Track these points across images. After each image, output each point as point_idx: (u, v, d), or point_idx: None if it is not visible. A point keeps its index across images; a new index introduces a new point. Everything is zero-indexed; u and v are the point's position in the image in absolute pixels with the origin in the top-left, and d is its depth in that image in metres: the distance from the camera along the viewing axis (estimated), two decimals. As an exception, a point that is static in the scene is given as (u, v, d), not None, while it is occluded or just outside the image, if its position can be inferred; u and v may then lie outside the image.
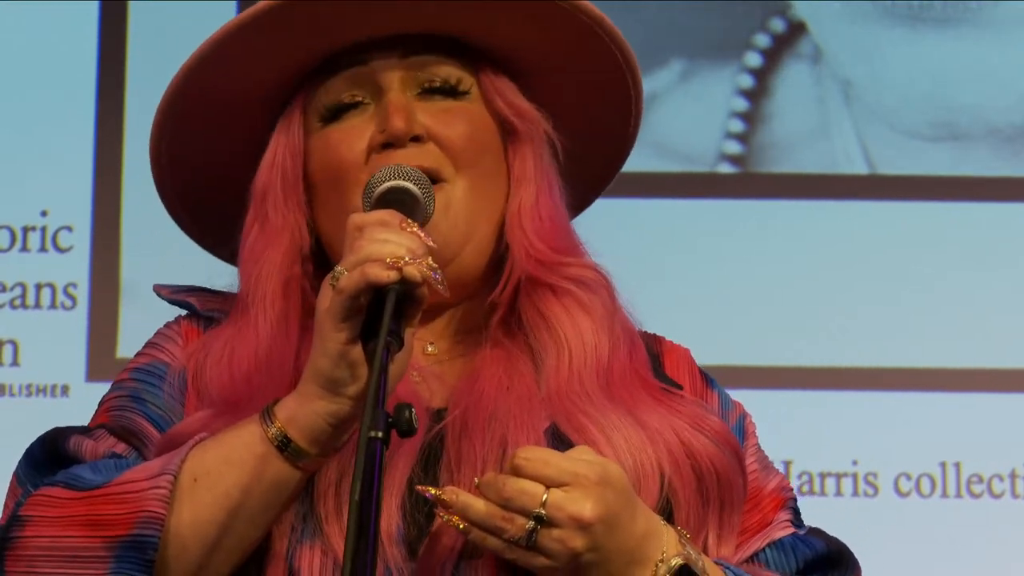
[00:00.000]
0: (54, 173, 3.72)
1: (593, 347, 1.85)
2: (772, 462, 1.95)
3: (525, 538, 1.66)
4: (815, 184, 3.78)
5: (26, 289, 3.70)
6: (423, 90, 1.90)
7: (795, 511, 1.93)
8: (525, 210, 1.89)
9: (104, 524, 1.73)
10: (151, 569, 1.72)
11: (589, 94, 1.99)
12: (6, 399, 3.63)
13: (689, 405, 1.86)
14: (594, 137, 2.01)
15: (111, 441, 1.87)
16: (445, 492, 1.68)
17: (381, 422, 1.58)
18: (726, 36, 3.80)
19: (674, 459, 1.79)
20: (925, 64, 3.80)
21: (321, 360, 1.70)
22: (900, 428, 3.63)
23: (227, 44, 1.90)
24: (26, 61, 3.78)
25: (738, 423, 1.93)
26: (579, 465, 1.69)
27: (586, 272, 1.89)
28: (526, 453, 1.69)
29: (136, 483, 1.74)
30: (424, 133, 1.87)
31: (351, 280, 1.66)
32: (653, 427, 1.80)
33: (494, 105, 1.92)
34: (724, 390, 1.96)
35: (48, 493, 1.77)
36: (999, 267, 3.71)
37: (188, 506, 1.74)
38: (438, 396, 1.86)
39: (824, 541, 1.90)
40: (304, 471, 1.75)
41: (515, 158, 1.92)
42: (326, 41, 1.90)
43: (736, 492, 1.84)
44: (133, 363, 1.95)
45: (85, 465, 1.81)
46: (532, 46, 1.94)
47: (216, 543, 1.75)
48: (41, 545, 1.74)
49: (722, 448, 1.83)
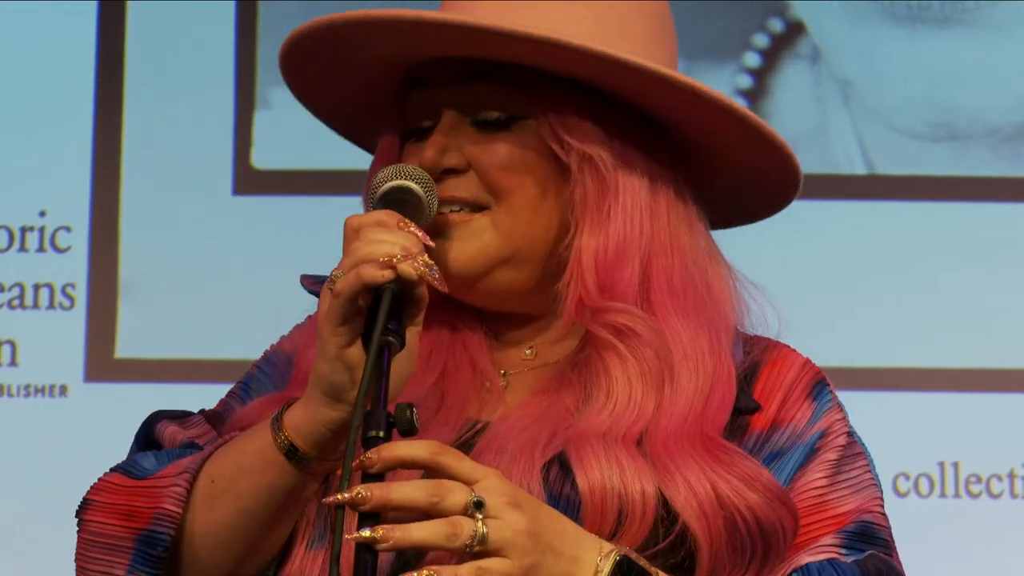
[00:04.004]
0: (52, 173, 3.72)
1: (638, 402, 1.80)
2: (871, 483, 1.86)
3: (479, 536, 1.59)
4: (814, 184, 3.76)
5: (24, 289, 3.70)
6: (476, 121, 1.87)
7: (856, 534, 1.81)
8: (587, 247, 1.84)
9: (133, 515, 1.76)
10: (159, 565, 1.74)
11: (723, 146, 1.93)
12: (4, 399, 3.63)
13: (740, 460, 1.78)
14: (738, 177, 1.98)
15: (203, 428, 1.90)
16: (380, 538, 1.57)
17: (382, 421, 1.58)
18: (725, 36, 3.80)
19: (699, 507, 1.74)
20: (924, 64, 3.79)
21: (321, 365, 1.70)
22: (899, 428, 3.63)
23: (292, 62, 1.92)
24: (25, 61, 3.78)
25: (811, 439, 1.84)
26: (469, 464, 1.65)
27: (628, 320, 1.82)
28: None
29: (165, 478, 1.77)
30: (464, 164, 1.85)
31: (347, 282, 1.65)
32: (680, 477, 1.75)
33: (546, 140, 1.86)
34: (828, 405, 1.87)
35: (110, 479, 1.82)
36: (998, 267, 3.71)
37: (203, 507, 1.75)
38: (492, 408, 1.85)
39: (862, 569, 1.78)
40: (314, 476, 1.75)
41: (576, 189, 1.86)
42: (387, 62, 1.90)
43: (787, 539, 1.78)
44: (266, 351, 1.98)
45: (151, 453, 1.84)
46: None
47: (228, 545, 1.76)
48: (94, 530, 1.79)
49: (770, 500, 1.76)
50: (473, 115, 1.87)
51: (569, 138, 1.85)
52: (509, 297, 1.88)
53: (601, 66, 1.82)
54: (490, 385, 1.87)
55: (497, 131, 1.86)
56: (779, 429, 1.84)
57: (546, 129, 1.85)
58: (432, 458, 1.62)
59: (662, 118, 1.89)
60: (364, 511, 1.57)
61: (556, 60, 1.83)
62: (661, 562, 1.72)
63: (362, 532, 1.56)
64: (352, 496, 1.56)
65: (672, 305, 1.86)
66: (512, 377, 1.89)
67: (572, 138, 1.85)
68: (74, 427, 3.57)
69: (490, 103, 1.87)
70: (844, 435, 1.86)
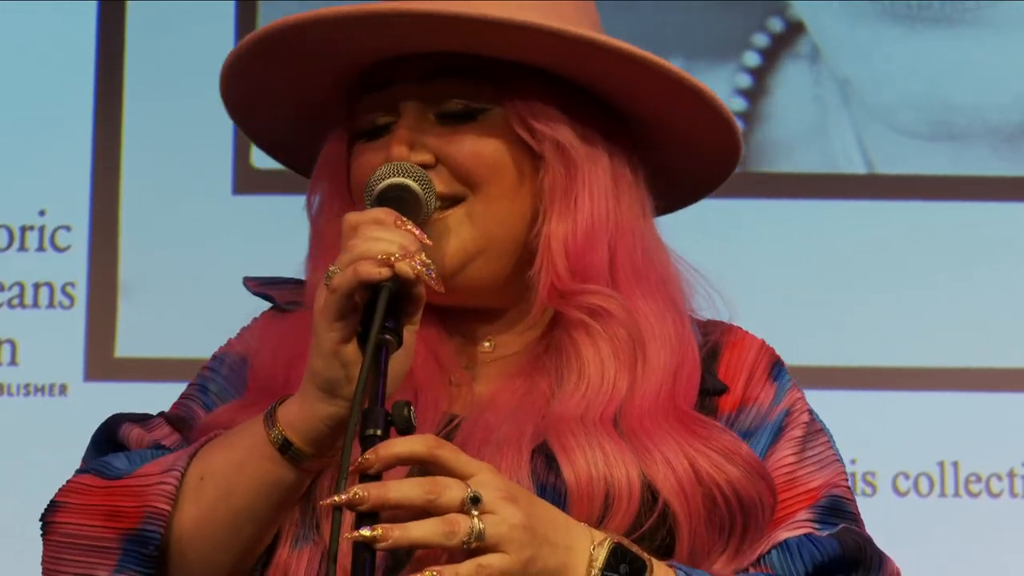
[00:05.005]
0: (52, 172, 3.73)
1: (611, 380, 1.82)
2: (835, 459, 1.88)
3: (476, 533, 1.60)
4: (813, 183, 3.78)
5: (24, 288, 3.70)
6: (439, 114, 1.87)
7: (828, 509, 1.84)
8: (556, 234, 1.86)
9: (118, 515, 1.75)
10: (151, 564, 1.73)
11: (668, 112, 1.94)
12: (4, 399, 3.63)
13: (719, 434, 1.81)
14: (688, 153, 1.99)
15: (165, 431, 1.89)
16: (380, 537, 1.58)
17: (380, 420, 1.58)
18: (724, 36, 3.80)
19: (679, 486, 1.76)
20: (923, 63, 3.80)
21: (316, 361, 1.70)
22: (898, 427, 3.63)
23: (244, 64, 1.91)
24: (24, 60, 3.78)
25: (778, 418, 1.88)
26: (464, 458, 1.65)
27: (602, 301, 1.85)
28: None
29: (148, 476, 1.76)
30: (431, 159, 1.85)
31: (344, 278, 1.66)
32: (659, 455, 1.77)
33: (514, 128, 1.87)
34: (788, 384, 1.91)
35: (81, 480, 1.81)
36: (997, 266, 3.71)
37: (193, 504, 1.75)
38: (461, 402, 1.85)
39: (840, 542, 1.81)
40: (307, 472, 1.75)
41: (545, 176, 1.88)
42: (345, 62, 1.89)
43: (766, 514, 1.80)
44: (215, 353, 1.98)
45: (122, 454, 1.83)
46: (566, 67, 1.89)
47: (220, 542, 1.76)
48: (67, 532, 1.78)
49: (750, 474, 1.79)
50: (436, 109, 1.87)
51: (538, 124, 1.87)
52: (481, 291, 1.88)
53: (566, 48, 1.83)
54: (456, 379, 1.87)
55: (463, 123, 1.87)
56: (745, 409, 1.88)
57: (514, 117, 1.86)
58: (431, 452, 1.62)
59: (615, 97, 1.91)
60: (362, 511, 1.57)
61: (527, 46, 1.83)
62: (646, 546, 1.73)
63: (362, 531, 1.56)
64: (350, 497, 1.56)
65: (638, 287, 1.89)
66: (477, 370, 1.89)
67: (541, 124, 1.87)
68: (74, 427, 3.54)
69: (453, 96, 1.87)
70: (806, 413, 1.90)
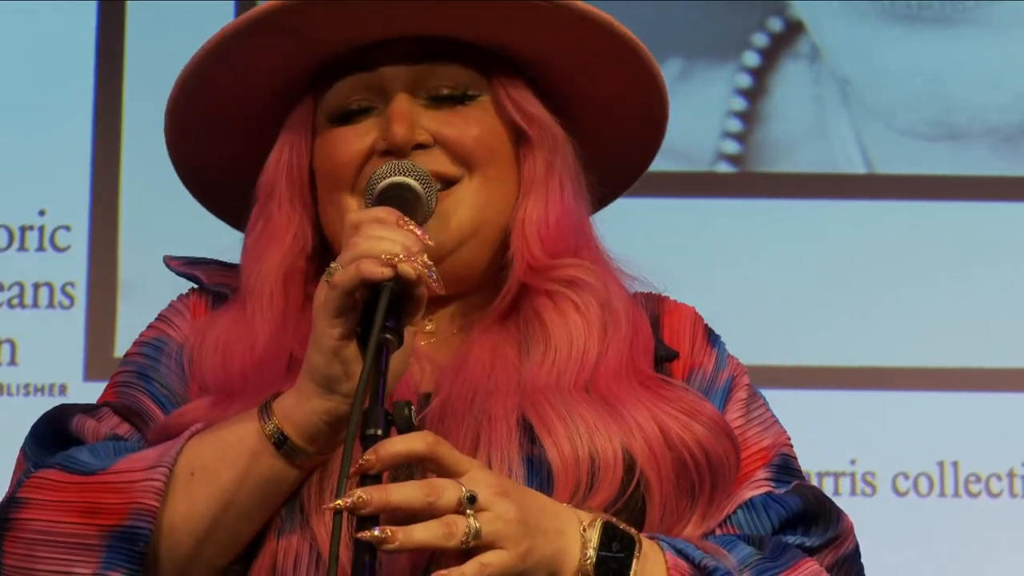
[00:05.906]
0: (52, 172, 3.73)
1: (581, 347, 1.85)
2: (775, 421, 1.93)
3: (473, 532, 1.60)
4: (813, 183, 3.78)
5: (24, 288, 3.70)
6: (431, 97, 1.90)
7: (781, 468, 1.88)
8: (530, 218, 1.90)
9: (99, 512, 1.73)
10: (141, 560, 1.73)
11: (613, 97, 1.98)
12: (4, 398, 3.64)
13: (683, 394, 1.85)
14: (619, 140, 2.02)
15: (114, 421, 1.88)
16: (387, 539, 1.58)
17: (381, 419, 1.58)
18: (724, 35, 3.80)
19: (650, 451, 1.78)
20: (923, 63, 3.80)
21: (316, 357, 1.70)
22: (898, 427, 3.63)
23: (231, 44, 1.90)
24: (24, 60, 3.78)
25: (725, 384, 1.92)
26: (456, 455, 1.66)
27: (579, 272, 1.88)
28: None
29: (132, 472, 1.75)
30: (430, 139, 1.88)
31: (345, 276, 1.66)
32: (632, 420, 1.79)
33: (505, 110, 1.92)
34: (725, 349, 1.96)
35: (46, 476, 1.77)
36: (997, 266, 3.71)
37: (183, 500, 1.74)
38: (428, 379, 1.86)
39: (801, 497, 1.85)
40: (300, 468, 1.75)
41: (526, 163, 1.92)
42: (333, 44, 1.90)
43: (732, 472, 1.84)
44: (142, 336, 1.97)
45: (84, 448, 1.81)
46: (545, 50, 1.93)
47: (209, 537, 1.75)
48: (38, 529, 1.75)
49: (716, 433, 1.82)
50: (428, 92, 1.90)
51: (529, 109, 1.92)
52: (463, 281, 1.90)
53: (542, 16, 1.87)
54: (413, 359, 1.85)
55: (455, 106, 1.90)
56: (694, 374, 1.91)
57: (506, 101, 1.91)
58: (430, 450, 1.62)
59: (560, 76, 1.95)
60: (364, 515, 1.57)
61: (518, 20, 1.87)
62: (624, 517, 1.74)
63: (373, 531, 1.56)
64: (354, 501, 1.56)
65: (598, 263, 1.93)
66: (431, 347, 1.90)
67: (531, 109, 1.92)
68: (74, 426, 3.57)
69: (446, 79, 1.90)
70: (745, 376, 1.95)
